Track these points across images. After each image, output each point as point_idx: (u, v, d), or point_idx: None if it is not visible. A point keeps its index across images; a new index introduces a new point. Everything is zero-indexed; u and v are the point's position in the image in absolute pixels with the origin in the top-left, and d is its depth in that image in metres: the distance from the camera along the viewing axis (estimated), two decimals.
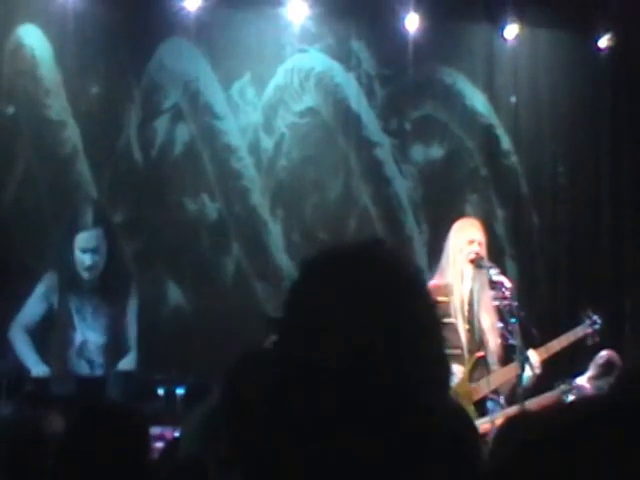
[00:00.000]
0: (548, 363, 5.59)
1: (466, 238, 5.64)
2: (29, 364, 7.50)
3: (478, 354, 5.56)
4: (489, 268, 5.60)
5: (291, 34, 8.35)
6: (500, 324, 5.57)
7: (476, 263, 5.58)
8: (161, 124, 8.13)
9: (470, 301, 5.60)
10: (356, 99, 8.51)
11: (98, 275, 7.73)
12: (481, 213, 8.17)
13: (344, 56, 8.50)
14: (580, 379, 6.51)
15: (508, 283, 5.63)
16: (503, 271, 6.14)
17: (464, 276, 5.60)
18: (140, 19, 7.90)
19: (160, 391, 7.02)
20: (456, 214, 6.87)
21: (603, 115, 9.06)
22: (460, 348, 5.47)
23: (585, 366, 6.67)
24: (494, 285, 5.58)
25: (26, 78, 7.84)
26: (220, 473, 2.58)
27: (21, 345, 7.56)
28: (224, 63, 8.23)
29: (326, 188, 8.41)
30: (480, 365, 5.58)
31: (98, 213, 7.82)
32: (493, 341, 5.58)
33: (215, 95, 8.23)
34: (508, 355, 5.55)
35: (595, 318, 5.91)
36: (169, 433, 5.79)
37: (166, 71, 8.13)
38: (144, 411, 5.01)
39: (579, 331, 5.87)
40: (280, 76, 8.38)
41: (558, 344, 5.72)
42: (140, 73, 8.06)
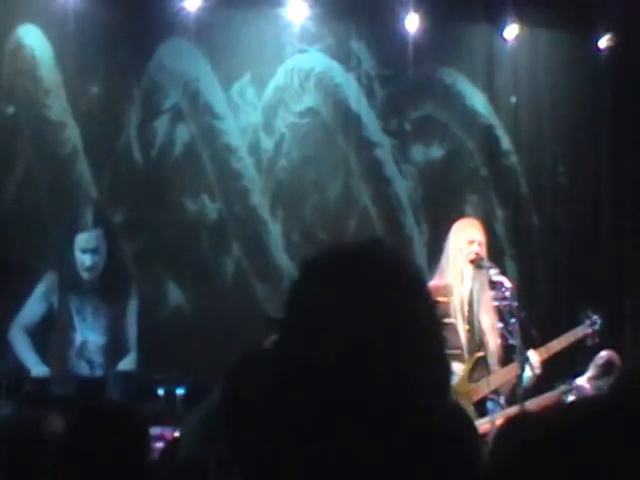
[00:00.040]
0: (548, 363, 5.59)
1: (466, 238, 5.64)
2: (29, 364, 7.49)
3: (478, 354, 5.56)
4: (489, 268, 5.60)
5: (291, 34, 8.34)
6: (500, 324, 5.57)
7: (476, 263, 5.58)
8: (161, 124, 8.13)
9: (470, 301, 5.60)
10: (356, 99, 8.50)
11: (98, 275, 7.73)
12: (481, 213, 8.16)
13: (344, 56, 8.49)
14: (580, 379, 6.50)
15: (508, 283, 5.63)
16: (503, 271, 6.14)
17: (464, 276, 5.60)
18: (140, 19, 7.90)
19: (160, 391, 7.02)
20: (456, 214, 6.87)
21: (603, 115, 9.05)
22: (460, 348, 5.47)
23: (585, 366, 6.66)
24: (494, 285, 5.58)
25: (26, 78, 7.84)
26: (220, 473, 2.58)
27: (21, 345, 7.56)
28: (224, 63, 8.23)
29: (326, 188, 8.41)
30: (480, 365, 5.58)
31: (98, 213, 7.82)
32: (493, 341, 5.58)
33: (215, 95, 8.22)
34: (508, 355, 5.55)
35: (595, 318, 5.91)
36: (169, 433, 5.79)
37: (166, 71, 8.12)
38: (144, 411, 5.00)
39: (579, 331, 5.87)
40: (280, 76, 8.37)
41: (558, 344, 5.72)
42: (140, 73, 8.06)
